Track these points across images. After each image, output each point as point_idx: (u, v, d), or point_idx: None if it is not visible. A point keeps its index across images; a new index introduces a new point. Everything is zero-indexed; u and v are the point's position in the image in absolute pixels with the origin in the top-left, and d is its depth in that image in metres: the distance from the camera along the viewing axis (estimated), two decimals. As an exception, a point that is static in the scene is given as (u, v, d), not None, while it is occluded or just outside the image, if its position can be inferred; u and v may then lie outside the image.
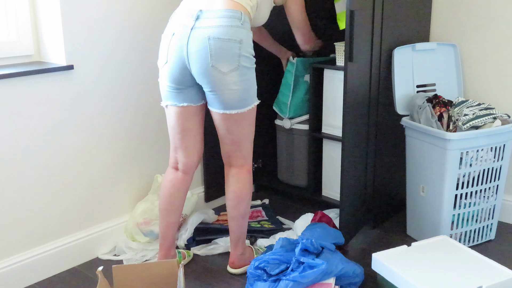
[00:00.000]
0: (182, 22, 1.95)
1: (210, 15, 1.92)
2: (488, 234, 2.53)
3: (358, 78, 2.29)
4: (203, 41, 1.89)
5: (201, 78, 1.96)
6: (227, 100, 1.98)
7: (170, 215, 2.21)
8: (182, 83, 2.01)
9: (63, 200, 2.30)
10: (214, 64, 1.90)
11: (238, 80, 1.95)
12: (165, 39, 2.01)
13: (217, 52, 1.89)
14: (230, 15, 1.92)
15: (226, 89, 1.95)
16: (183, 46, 1.93)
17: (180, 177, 2.18)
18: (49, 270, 2.27)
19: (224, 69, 1.91)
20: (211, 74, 1.92)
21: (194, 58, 1.92)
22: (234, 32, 1.91)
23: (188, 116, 2.09)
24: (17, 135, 2.11)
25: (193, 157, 2.18)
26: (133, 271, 1.90)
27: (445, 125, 2.36)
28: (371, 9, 2.30)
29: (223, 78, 1.92)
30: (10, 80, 2.05)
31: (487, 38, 2.61)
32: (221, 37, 1.89)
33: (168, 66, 2.00)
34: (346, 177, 2.29)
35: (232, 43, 1.90)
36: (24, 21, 2.20)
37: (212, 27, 1.90)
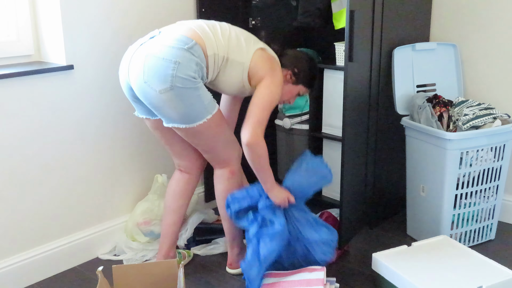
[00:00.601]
0: (137, 42, 1.98)
1: (164, 36, 1.90)
2: (488, 234, 2.53)
3: (358, 78, 2.29)
4: (140, 57, 1.89)
5: (139, 94, 1.92)
6: (169, 116, 1.93)
7: (173, 214, 2.23)
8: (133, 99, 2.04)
9: (63, 200, 2.30)
10: (147, 80, 1.86)
11: (174, 100, 1.87)
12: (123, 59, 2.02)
13: (149, 69, 1.85)
14: (179, 39, 1.87)
15: (164, 106, 1.89)
16: (127, 63, 1.96)
17: (186, 176, 2.23)
18: (49, 270, 2.27)
19: (156, 87, 1.85)
20: (146, 91, 1.88)
21: (132, 75, 1.92)
22: (173, 53, 1.84)
23: (158, 127, 2.08)
24: (17, 135, 2.11)
25: (190, 160, 2.19)
26: (133, 271, 1.90)
27: (445, 125, 2.36)
28: (371, 9, 2.30)
29: (158, 96, 1.86)
30: (10, 80, 2.05)
31: (487, 38, 2.61)
32: (157, 55, 1.85)
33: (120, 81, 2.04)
34: (346, 177, 2.29)
35: (167, 63, 1.83)
36: (24, 21, 2.20)
37: (154, 47, 1.88)
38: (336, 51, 2.64)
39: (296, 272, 2.01)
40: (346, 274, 2.27)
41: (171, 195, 2.24)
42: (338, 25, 2.63)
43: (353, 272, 2.29)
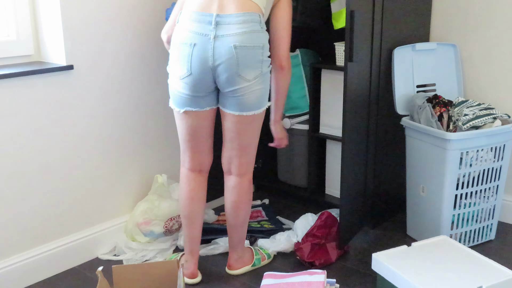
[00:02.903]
0: (201, 30, 1.89)
1: (229, 20, 1.88)
2: (488, 234, 2.53)
3: (358, 78, 2.29)
4: (229, 50, 1.88)
5: (226, 86, 1.95)
6: (246, 103, 1.98)
7: (198, 220, 2.20)
8: (204, 91, 1.99)
9: (63, 200, 2.30)
10: (241, 73, 1.91)
11: (260, 84, 1.97)
12: (184, 49, 1.92)
13: (243, 60, 1.89)
14: (250, 19, 1.89)
15: (249, 92, 1.96)
16: (208, 58, 1.90)
17: (203, 179, 2.20)
18: (49, 270, 2.27)
19: (249, 76, 1.93)
20: (237, 82, 1.93)
21: (221, 69, 1.91)
22: (257, 37, 1.91)
23: (210, 119, 2.08)
24: (17, 135, 2.11)
25: (210, 157, 2.20)
26: (133, 271, 1.90)
27: (445, 125, 2.36)
28: (371, 9, 2.30)
29: (248, 84, 1.94)
30: (10, 80, 2.05)
31: (487, 38, 2.61)
32: (246, 45, 1.88)
33: (191, 78, 1.94)
34: (346, 177, 2.29)
35: (257, 49, 1.91)
36: (24, 21, 2.20)
37: (235, 35, 1.87)
38: (336, 51, 2.64)
39: (296, 274, 2.01)
40: (346, 274, 2.27)
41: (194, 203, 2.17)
42: (337, 25, 2.63)
43: (353, 272, 2.29)
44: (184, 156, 2.17)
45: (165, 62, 2.57)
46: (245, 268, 2.28)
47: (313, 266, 2.30)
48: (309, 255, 2.31)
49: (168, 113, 2.64)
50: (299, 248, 2.36)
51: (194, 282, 2.21)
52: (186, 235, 2.23)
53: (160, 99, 2.59)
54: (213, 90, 2.01)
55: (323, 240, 2.34)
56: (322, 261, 2.31)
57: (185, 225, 2.22)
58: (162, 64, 2.57)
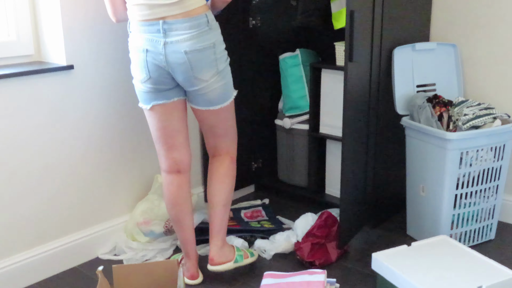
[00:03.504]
0: (151, 37, 1.91)
1: (176, 26, 1.88)
2: (488, 234, 2.53)
3: (358, 78, 2.29)
4: (181, 56, 1.90)
5: (186, 86, 2.00)
6: (210, 99, 2.03)
7: (187, 221, 2.19)
8: (166, 85, 2.01)
9: (63, 200, 2.30)
10: (196, 75, 1.94)
11: (219, 81, 2.00)
12: (140, 55, 1.95)
13: (196, 64, 1.92)
14: (197, 24, 1.90)
15: (210, 90, 2.00)
16: (162, 62, 1.93)
17: (183, 179, 2.16)
18: (49, 270, 2.28)
19: (206, 77, 1.96)
20: (196, 83, 1.97)
21: (177, 72, 1.95)
22: (206, 38, 1.92)
23: (179, 110, 2.08)
24: (17, 135, 2.11)
25: (188, 154, 2.16)
26: (133, 271, 1.90)
27: (445, 125, 2.36)
28: (371, 9, 2.30)
29: (207, 84, 1.98)
30: (10, 80, 2.05)
31: (487, 38, 2.61)
32: (196, 48, 1.90)
33: (152, 80, 1.98)
34: (346, 177, 2.29)
35: (207, 50, 1.93)
36: (24, 21, 2.20)
37: (183, 40, 1.89)
38: (336, 51, 2.64)
39: (296, 274, 2.01)
40: (346, 274, 2.27)
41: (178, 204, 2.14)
42: (337, 25, 2.63)
43: (353, 272, 2.29)
44: (160, 157, 2.15)
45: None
46: (227, 265, 2.19)
47: (313, 266, 2.30)
48: (309, 255, 2.31)
49: (168, 113, 2.64)
50: (299, 248, 2.36)
51: (195, 283, 2.21)
52: (179, 239, 2.24)
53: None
54: (177, 85, 2.03)
55: (323, 240, 2.34)
56: (322, 261, 2.31)
57: (175, 229, 2.22)
58: (162, 64, 2.57)
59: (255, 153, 3.06)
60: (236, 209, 2.84)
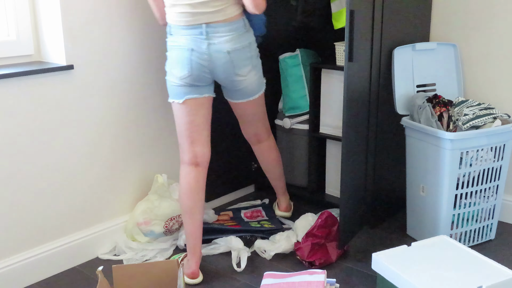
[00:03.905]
0: (195, 39, 2.10)
1: (218, 29, 2.09)
2: (488, 234, 2.53)
3: (358, 78, 2.29)
4: (223, 55, 2.11)
5: (226, 82, 2.22)
6: (248, 92, 2.28)
7: (198, 214, 2.24)
8: (204, 82, 2.19)
9: (63, 200, 2.30)
10: (237, 71, 2.17)
11: (254, 75, 2.24)
12: (184, 53, 2.12)
13: (237, 62, 2.15)
14: (235, 28, 2.12)
15: (247, 84, 2.24)
16: (205, 61, 2.12)
17: (201, 172, 2.26)
18: (49, 270, 2.28)
19: (244, 72, 2.19)
20: (235, 79, 2.20)
21: (219, 71, 2.15)
22: (244, 39, 2.15)
23: (206, 107, 2.24)
24: (17, 135, 2.11)
25: (208, 149, 2.29)
26: (133, 271, 1.90)
27: (445, 125, 2.36)
28: (371, 9, 2.30)
29: (244, 78, 2.21)
30: (10, 80, 2.05)
31: (487, 38, 2.61)
32: (237, 48, 2.13)
33: (191, 77, 2.15)
34: (346, 177, 2.29)
35: (245, 49, 2.16)
36: (24, 21, 2.20)
37: (225, 42, 2.10)
38: (336, 51, 2.64)
39: (296, 274, 2.01)
40: (346, 274, 2.27)
41: (194, 196, 2.22)
42: (337, 25, 2.63)
43: (353, 272, 2.29)
44: (182, 150, 2.26)
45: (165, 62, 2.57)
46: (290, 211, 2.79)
47: (313, 266, 2.30)
48: (309, 254, 2.31)
49: (168, 113, 2.64)
50: (299, 248, 2.36)
51: (195, 282, 2.21)
52: (187, 232, 2.24)
53: (160, 99, 2.59)
54: (211, 82, 2.23)
55: (323, 240, 2.34)
56: (322, 261, 2.31)
57: (185, 222, 2.24)
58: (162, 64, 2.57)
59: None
60: (236, 209, 2.84)
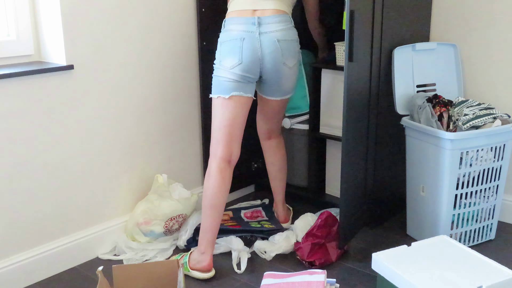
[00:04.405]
0: (246, 28, 2.21)
1: (268, 20, 2.22)
2: (488, 234, 2.53)
3: (358, 78, 2.29)
4: (274, 43, 2.22)
5: (271, 73, 2.28)
6: (286, 88, 2.38)
7: (221, 210, 2.28)
8: (252, 73, 2.25)
9: (63, 200, 2.30)
10: (285, 61, 2.27)
11: (296, 70, 2.36)
12: (235, 43, 2.21)
13: (285, 51, 2.25)
14: (284, 19, 2.26)
15: (289, 79, 2.34)
16: (257, 49, 2.21)
17: (229, 170, 2.32)
18: (49, 270, 2.28)
19: (291, 64, 2.30)
20: (281, 69, 2.28)
21: (269, 58, 2.23)
22: (293, 33, 2.30)
23: (247, 107, 2.31)
24: (17, 135, 2.11)
25: (239, 149, 2.35)
26: (133, 271, 1.90)
27: (445, 125, 2.36)
28: (371, 9, 2.30)
29: (289, 71, 2.31)
30: (10, 80, 2.05)
31: (487, 38, 2.61)
32: (287, 39, 2.25)
33: (241, 66, 2.21)
34: (346, 177, 2.29)
35: (294, 42, 2.30)
36: (24, 21, 2.20)
37: (276, 31, 2.22)
38: (336, 51, 2.64)
39: (296, 274, 2.01)
40: (346, 274, 2.27)
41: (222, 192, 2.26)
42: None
43: (353, 272, 2.29)
44: (216, 146, 2.29)
45: (165, 62, 2.58)
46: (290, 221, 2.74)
47: (313, 266, 2.30)
48: (309, 254, 2.31)
49: (168, 113, 2.64)
50: (299, 248, 2.36)
51: (209, 276, 2.23)
52: (206, 226, 2.25)
53: (160, 98, 2.59)
54: (256, 79, 2.29)
55: (323, 240, 2.34)
56: (322, 261, 2.31)
57: (206, 216, 2.26)
58: (163, 64, 2.57)
59: (255, 153, 3.06)
60: (236, 209, 2.84)
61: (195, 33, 2.67)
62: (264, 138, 2.62)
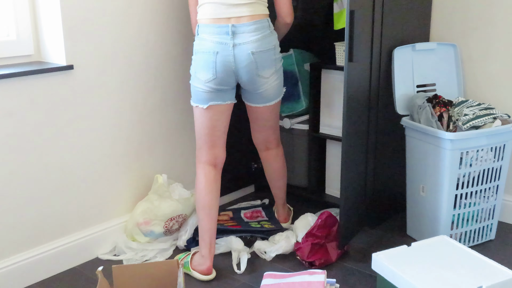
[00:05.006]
0: (220, 40, 2.14)
1: (243, 29, 2.13)
2: (488, 234, 2.53)
3: (358, 78, 2.29)
4: (248, 56, 2.15)
5: (247, 85, 2.24)
6: (267, 96, 2.30)
7: (215, 211, 2.29)
8: (228, 85, 2.22)
9: (63, 200, 2.30)
10: (260, 73, 2.20)
11: (276, 79, 2.28)
12: (208, 57, 2.15)
13: (260, 63, 2.18)
14: (260, 27, 2.16)
15: (268, 88, 2.27)
16: (230, 63, 2.15)
17: (218, 173, 2.34)
18: (49, 270, 2.28)
19: (267, 74, 2.22)
20: (257, 80, 2.22)
21: (243, 72, 2.18)
22: (269, 41, 2.19)
23: (227, 113, 2.29)
24: (17, 135, 2.11)
25: (224, 152, 2.36)
26: (133, 271, 1.90)
27: (445, 125, 2.36)
28: (371, 9, 2.30)
29: (266, 81, 2.24)
30: (10, 80, 2.05)
31: (487, 38, 2.61)
32: (262, 50, 2.17)
33: (216, 80, 2.18)
34: (346, 177, 2.29)
35: (270, 51, 2.20)
36: (24, 21, 2.20)
37: (251, 42, 2.14)
38: (336, 51, 2.64)
39: (296, 274, 2.01)
40: (346, 274, 2.27)
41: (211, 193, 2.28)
42: (338, 25, 2.63)
43: (353, 272, 2.29)
44: (200, 151, 2.31)
45: (165, 63, 2.58)
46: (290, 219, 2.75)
47: (313, 266, 2.30)
48: (309, 255, 2.31)
49: (168, 113, 2.64)
50: (299, 248, 2.36)
51: (209, 278, 2.23)
52: (203, 228, 2.26)
53: (160, 99, 2.59)
54: (234, 86, 2.26)
55: (323, 240, 2.34)
56: (322, 261, 2.31)
57: (202, 218, 2.27)
58: (162, 64, 2.57)
59: (255, 154, 3.06)
60: (236, 209, 2.84)
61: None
62: (261, 149, 2.56)
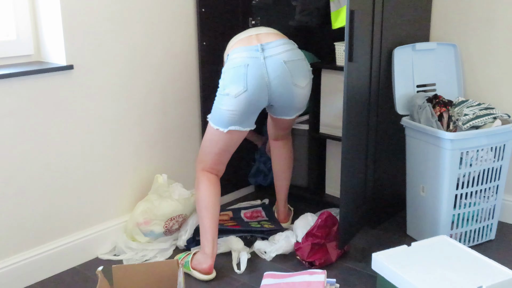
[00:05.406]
0: (250, 55, 2.16)
1: (271, 45, 2.18)
2: (488, 234, 2.53)
3: (358, 78, 2.29)
4: (281, 65, 2.17)
5: (282, 97, 2.23)
6: (299, 107, 2.35)
7: (217, 211, 2.31)
8: (257, 103, 2.20)
9: (63, 200, 2.30)
10: (296, 82, 2.21)
11: (308, 90, 2.32)
12: (239, 70, 2.15)
13: (295, 72, 2.20)
14: (287, 42, 2.24)
15: (302, 99, 2.30)
16: (263, 74, 2.15)
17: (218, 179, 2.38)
18: (49, 270, 2.28)
19: (303, 84, 2.25)
20: (293, 91, 2.23)
21: (276, 83, 2.18)
22: (298, 52, 2.25)
23: (240, 140, 2.32)
24: (17, 135, 2.11)
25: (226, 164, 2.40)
26: (133, 271, 1.90)
27: (445, 125, 2.36)
28: (371, 9, 2.30)
29: (302, 91, 2.27)
30: (10, 80, 2.05)
31: (487, 38, 2.61)
32: (294, 59, 2.21)
33: (247, 94, 2.15)
34: (346, 177, 2.28)
35: (302, 61, 2.25)
36: (24, 21, 2.20)
37: (281, 53, 2.18)
38: (336, 51, 2.64)
39: (296, 274, 2.01)
40: (346, 274, 2.27)
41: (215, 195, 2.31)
42: (336, 24, 2.63)
43: (353, 272, 2.29)
44: (204, 163, 2.34)
45: (165, 63, 2.58)
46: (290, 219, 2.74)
47: (313, 266, 2.30)
48: (309, 255, 2.31)
49: (168, 113, 2.64)
50: (299, 248, 2.36)
51: (210, 278, 2.23)
52: (205, 228, 2.27)
53: (160, 99, 2.59)
54: (261, 108, 2.26)
55: (323, 240, 2.34)
56: (322, 261, 2.31)
57: (203, 218, 2.27)
58: (162, 64, 2.57)
59: (255, 154, 3.06)
60: (236, 209, 2.84)
61: (195, 33, 2.67)
62: (271, 138, 2.63)
